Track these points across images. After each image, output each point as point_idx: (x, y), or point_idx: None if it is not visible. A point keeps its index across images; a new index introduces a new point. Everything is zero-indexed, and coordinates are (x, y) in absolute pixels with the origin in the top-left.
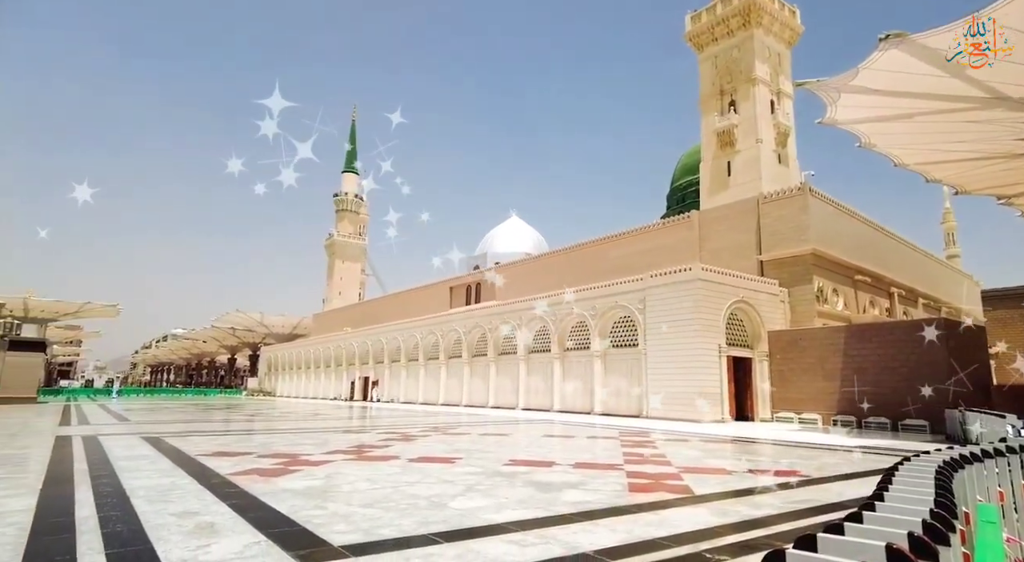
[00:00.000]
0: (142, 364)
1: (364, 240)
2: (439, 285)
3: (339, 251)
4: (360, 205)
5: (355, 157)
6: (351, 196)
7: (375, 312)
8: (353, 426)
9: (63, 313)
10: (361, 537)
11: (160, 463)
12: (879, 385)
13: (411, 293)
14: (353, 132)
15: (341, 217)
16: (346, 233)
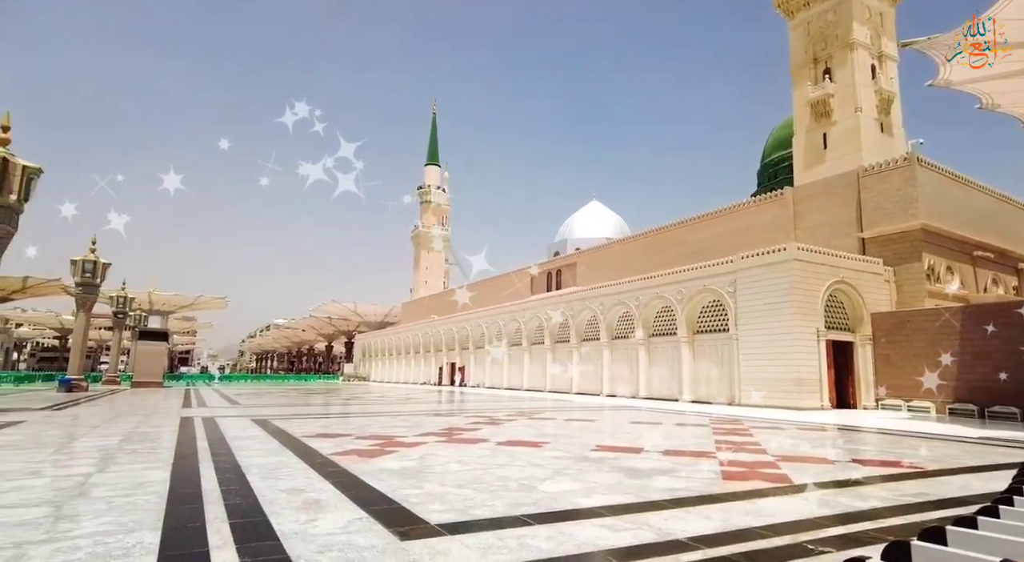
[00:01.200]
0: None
1: (447, 230)
2: (521, 272)
3: (424, 242)
4: (443, 196)
5: (437, 150)
6: (434, 188)
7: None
8: (442, 410)
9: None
10: (456, 516)
11: (269, 443)
12: (1007, 371)
13: (493, 281)
14: (434, 126)
15: (425, 209)
16: (430, 224)
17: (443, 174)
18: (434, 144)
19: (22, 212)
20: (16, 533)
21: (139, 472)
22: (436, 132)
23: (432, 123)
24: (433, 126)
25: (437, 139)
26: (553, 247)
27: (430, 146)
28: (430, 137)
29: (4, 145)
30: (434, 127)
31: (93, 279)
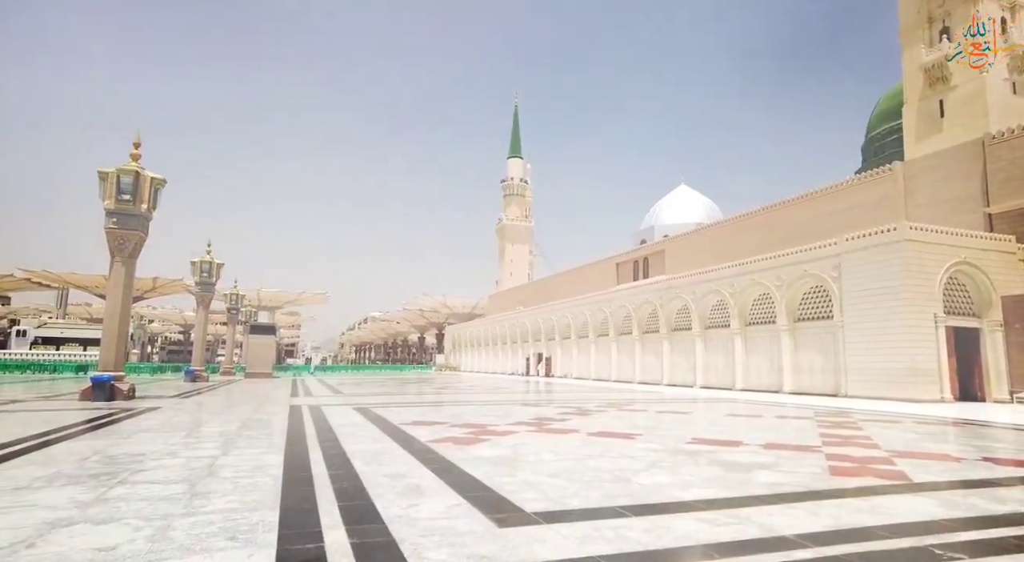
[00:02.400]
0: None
1: (530, 222)
2: (605, 262)
3: (508, 234)
4: (525, 189)
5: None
6: (517, 180)
7: (544, 291)
8: (531, 400)
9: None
10: (551, 505)
11: (370, 430)
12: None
13: (578, 271)
14: (516, 119)
15: (508, 202)
16: (513, 217)
17: (526, 166)
18: (516, 137)
19: (151, 219)
20: (162, 506)
21: (257, 456)
22: (518, 125)
23: (514, 116)
24: (515, 119)
25: (519, 132)
26: (639, 234)
27: (512, 139)
28: (512, 130)
29: (136, 160)
30: (516, 120)
31: (209, 278)
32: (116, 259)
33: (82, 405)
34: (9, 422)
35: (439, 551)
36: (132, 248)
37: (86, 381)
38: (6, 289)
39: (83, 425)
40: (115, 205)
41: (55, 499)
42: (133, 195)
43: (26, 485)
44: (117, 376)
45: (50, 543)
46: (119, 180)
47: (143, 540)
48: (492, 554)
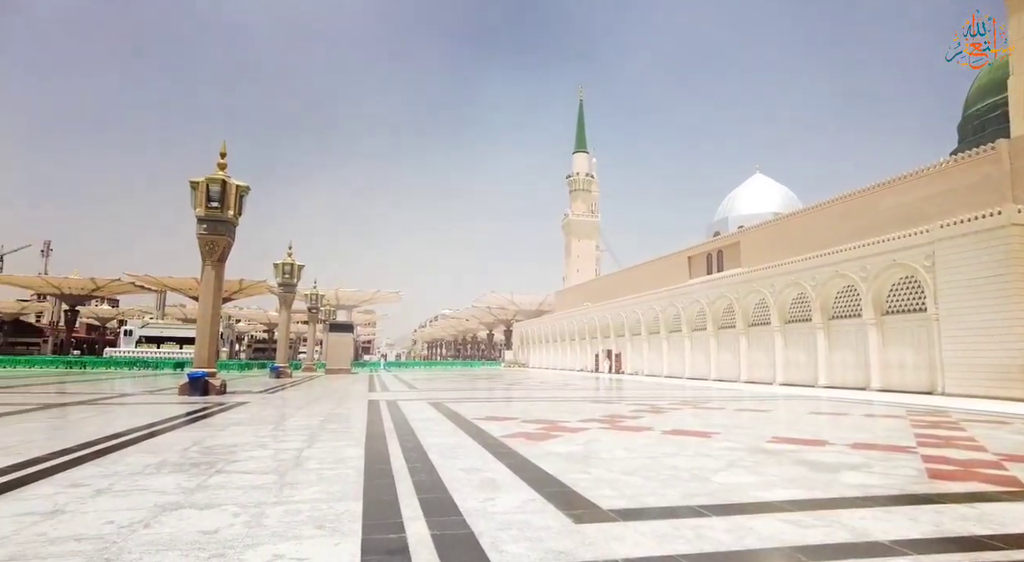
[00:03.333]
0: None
1: (597, 217)
2: (676, 255)
3: (574, 230)
4: (591, 183)
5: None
6: (582, 175)
7: (612, 286)
8: (601, 397)
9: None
10: (627, 503)
11: (444, 425)
12: None
13: (647, 265)
14: (581, 112)
15: (574, 197)
16: (579, 212)
17: (591, 160)
18: (581, 131)
19: (237, 225)
20: (255, 495)
21: (339, 449)
22: (583, 119)
23: (579, 110)
24: (580, 113)
25: (584, 126)
26: (713, 226)
27: (578, 133)
28: (577, 124)
29: (222, 169)
30: (581, 114)
31: (291, 279)
32: (207, 263)
33: (180, 399)
34: (122, 414)
35: (517, 545)
36: (221, 252)
37: (183, 377)
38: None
39: (182, 418)
40: (205, 212)
41: (164, 485)
42: (221, 202)
43: (139, 471)
44: (210, 372)
45: (163, 525)
46: (208, 188)
47: (240, 525)
48: (569, 550)
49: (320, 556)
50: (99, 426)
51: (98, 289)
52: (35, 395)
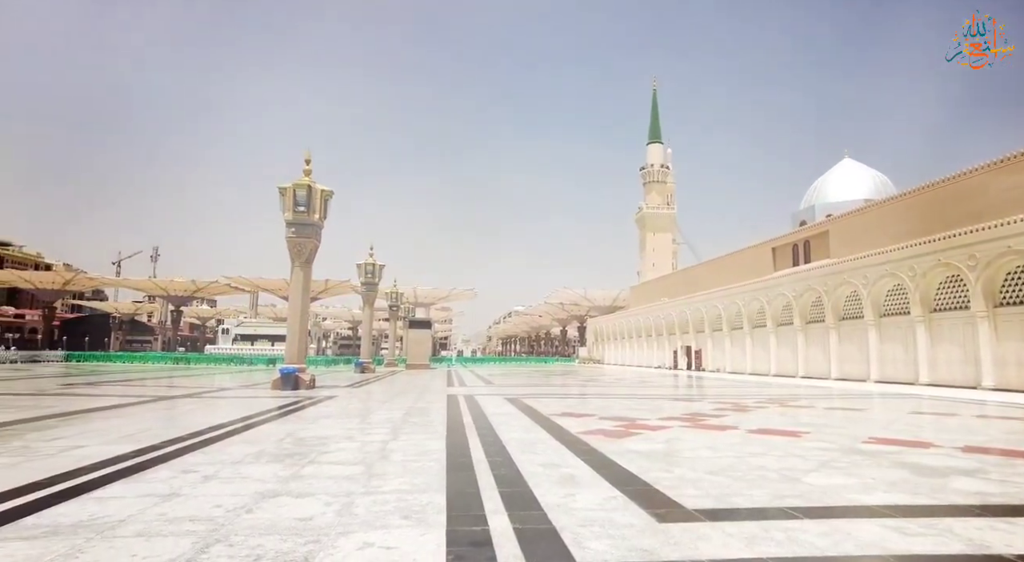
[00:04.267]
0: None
1: (673, 209)
2: (759, 247)
3: (649, 223)
4: (666, 174)
5: (659, 127)
6: (657, 167)
7: (690, 281)
8: (681, 394)
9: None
10: (713, 503)
11: (522, 420)
12: None
13: (728, 258)
14: (655, 103)
15: (648, 189)
16: (654, 204)
17: (666, 151)
18: (655, 121)
19: (323, 228)
20: (345, 485)
21: (422, 442)
22: (657, 109)
23: (652, 100)
24: (654, 103)
25: (659, 116)
26: (798, 216)
27: (651, 124)
28: (651, 114)
29: (307, 175)
30: (654, 104)
31: (373, 279)
32: (295, 265)
33: (273, 393)
34: (223, 407)
35: (599, 542)
36: (308, 254)
37: (275, 372)
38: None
39: (275, 411)
40: (293, 216)
41: (262, 473)
42: (307, 206)
43: (241, 460)
44: (300, 368)
45: (263, 511)
46: (295, 194)
47: (332, 514)
48: (654, 548)
49: (407, 545)
50: (204, 417)
51: (199, 290)
52: (149, 388)
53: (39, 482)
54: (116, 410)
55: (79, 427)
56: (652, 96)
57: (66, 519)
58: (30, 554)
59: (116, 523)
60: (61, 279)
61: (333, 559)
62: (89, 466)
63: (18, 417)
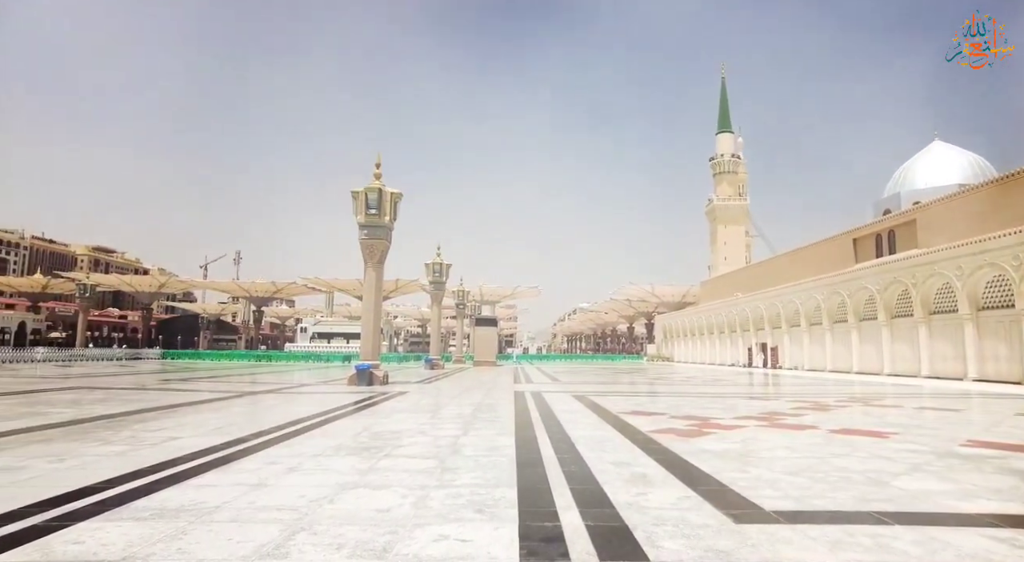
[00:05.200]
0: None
1: (745, 200)
2: (840, 238)
3: (720, 215)
4: (737, 164)
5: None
6: (727, 157)
7: (765, 275)
8: (756, 393)
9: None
10: (792, 504)
11: (589, 417)
12: None
13: (805, 250)
14: (724, 91)
15: (719, 180)
16: (725, 196)
17: (736, 140)
18: (725, 110)
19: (393, 229)
20: (420, 478)
21: (492, 437)
22: (726, 97)
23: (721, 88)
24: (723, 91)
25: (728, 104)
26: (881, 204)
27: (720, 113)
28: (720, 103)
29: (378, 179)
30: (724, 92)
31: (440, 278)
32: (368, 265)
33: (349, 389)
34: (303, 402)
35: (674, 541)
36: (380, 255)
37: (351, 369)
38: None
39: (352, 406)
40: (365, 219)
41: (341, 466)
42: (378, 209)
43: (320, 453)
44: (374, 364)
45: (344, 501)
46: (367, 197)
47: (409, 506)
48: (731, 550)
49: (481, 539)
50: (285, 412)
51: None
52: (235, 384)
53: (144, 469)
54: (207, 405)
55: (176, 420)
56: (721, 84)
57: (170, 503)
58: (143, 534)
59: (212, 509)
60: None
61: (410, 550)
62: (186, 456)
63: (126, 409)
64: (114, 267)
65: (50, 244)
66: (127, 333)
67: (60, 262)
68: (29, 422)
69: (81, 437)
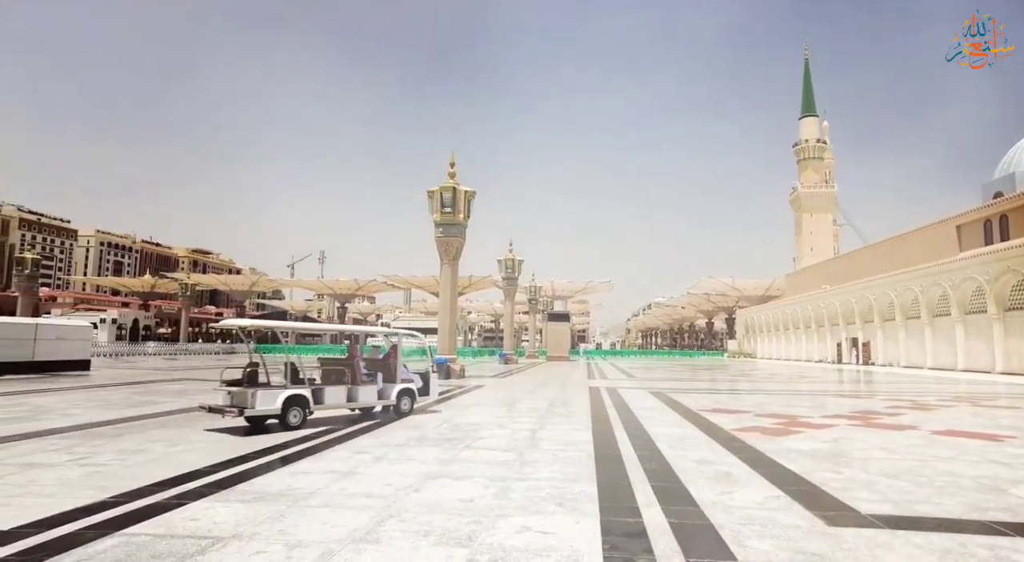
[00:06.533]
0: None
1: (832, 188)
2: (941, 225)
3: (805, 204)
4: (823, 150)
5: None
6: (812, 142)
7: (855, 266)
8: (847, 390)
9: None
10: (892, 509)
11: (668, 414)
12: None
13: (900, 239)
14: (807, 73)
15: (803, 167)
16: (810, 183)
17: (822, 124)
18: (808, 93)
19: (467, 227)
20: (500, 470)
21: (568, 432)
22: (810, 79)
23: (805, 70)
24: (806, 73)
25: (812, 87)
26: (990, 187)
27: (804, 96)
28: (803, 85)
29: (452, 178)
30: (807, 74)
31: (513, 274)
32: (444, 262)
33: None
34: None
35: (762, 541)
36: (455, 252)
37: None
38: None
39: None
40: (440, 217)
41: (424, 456)
42: (452, 207)
43: (404, 443)
44: (451, 358)
45: (428, 490)
46: (441, 196)
47: (491, 497)
48: (825, 553)
49: (563, 531)
50: None
51: (360, 289)
52: None
53: (244, 456)
54: None
55: None
56: (804, 66)
57: (270, 488)
58: (248, 515)
59: (308, 494)
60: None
61: (494, 540)
62: (284, 443)
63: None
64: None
65: (156, 247)
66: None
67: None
68: (146, 410)
69: (191, 424)
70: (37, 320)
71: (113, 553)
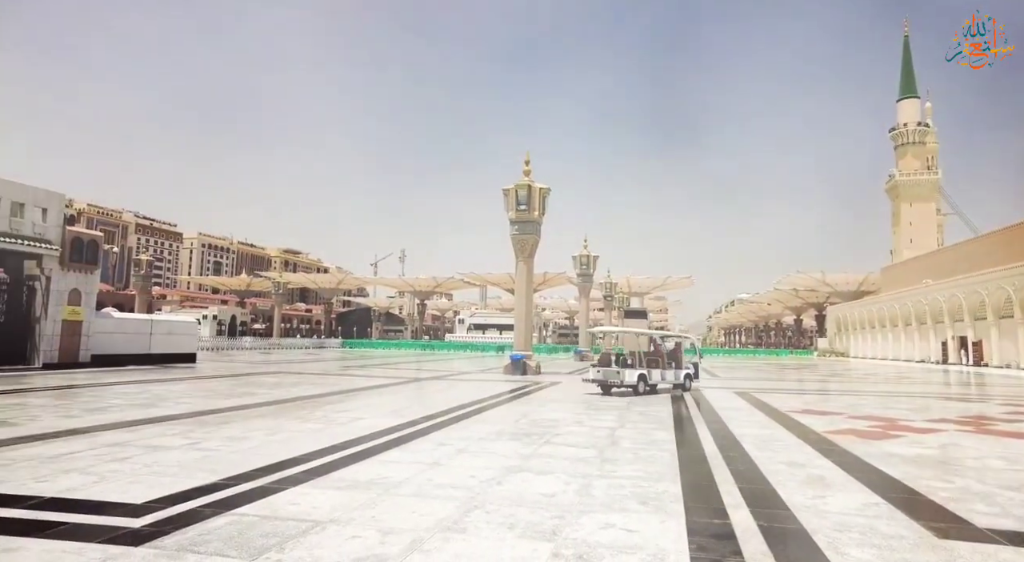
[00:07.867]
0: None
1: (936, 174)
2: None
3: (904, 192)
4: (925, 134)
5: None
6: (912, 126)
7: (962, 258)
8: (954, 393)
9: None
10: (1015, 524)
11: (755, 415)
12: None
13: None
14: (907, 51)
15: (902, 153)
16: (910, 170)
17: (923, 106)
18: (908, 73)
19: (542, 224)
20: (580, 467)
21: (649, 431)
22: (910, 58)
23: (904, 49)
24: (905, 52)
25: (912, 67)
26: None
27: (903, 76)
28: (902, 65)
29: (527, 175)
30: (907, 53)
31: (588, 270)
32: (519, 259)
33: (504, 377)
34: (465, 388)
35: (862, 550)
36: (530, 249)
37: (505, 358)
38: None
39: (508, 393)
40: (515, 215)
41: (505, 450)
42: (527, 204)
43: (485, 436)
44: (527, 355)
45: (511, 483)
46: (517, 194)
47: (572, 493)
48: None
49: (648, 530)
50: (450, 397)
51: (438, 286)
52: (404, 370)
53: (337, 445)
54: (384, 389)
55: (359, 401)
56: (903, 44)
57: (362, 476)
58: (342, 501)
59: (397, 483)
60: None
61: (578, 535)
62: (371, 434)
63: (317, 392)
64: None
65: (251, 247)
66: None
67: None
68: (247, 401)
69: (286, 414)
70: (152, 316)
71: (227, 530)
